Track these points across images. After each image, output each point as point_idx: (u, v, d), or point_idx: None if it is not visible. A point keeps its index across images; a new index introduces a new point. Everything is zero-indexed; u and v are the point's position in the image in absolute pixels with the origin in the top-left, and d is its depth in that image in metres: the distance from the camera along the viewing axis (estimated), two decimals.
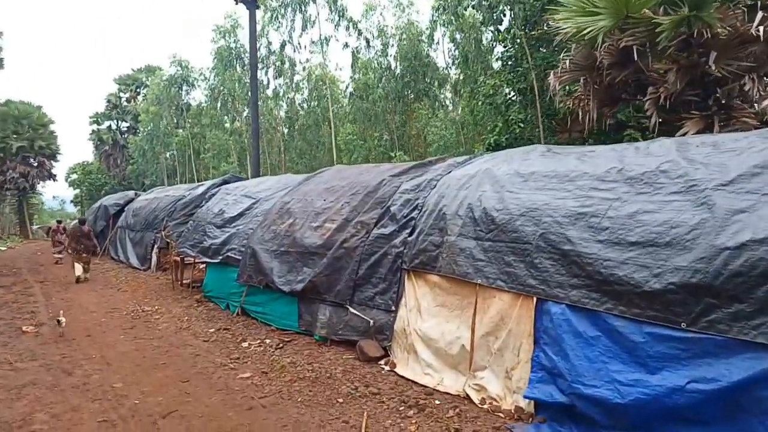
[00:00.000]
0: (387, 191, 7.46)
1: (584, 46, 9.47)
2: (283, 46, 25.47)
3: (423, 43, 23.32)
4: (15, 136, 42.47)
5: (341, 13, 23.30)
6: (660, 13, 8.17)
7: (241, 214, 10.53)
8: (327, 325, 7.25)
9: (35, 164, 43.97)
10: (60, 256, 20.53)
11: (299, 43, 25.28)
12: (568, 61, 9.42)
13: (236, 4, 25.59)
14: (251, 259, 8.84)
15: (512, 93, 17.47)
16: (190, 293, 11.88)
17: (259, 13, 24.91)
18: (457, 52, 23.22)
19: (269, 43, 31.57)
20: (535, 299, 4.71)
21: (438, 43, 22.19)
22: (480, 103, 17.92)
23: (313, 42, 24.73)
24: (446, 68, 24.03)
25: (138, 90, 55.02)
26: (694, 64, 7.95)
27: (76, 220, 25.31)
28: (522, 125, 16.50)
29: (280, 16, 24.39)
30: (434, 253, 5.97)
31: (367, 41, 23.25)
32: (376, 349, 6.42)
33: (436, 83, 22.60)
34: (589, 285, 4.33)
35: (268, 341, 7.67)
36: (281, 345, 7.42)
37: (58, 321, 8.88)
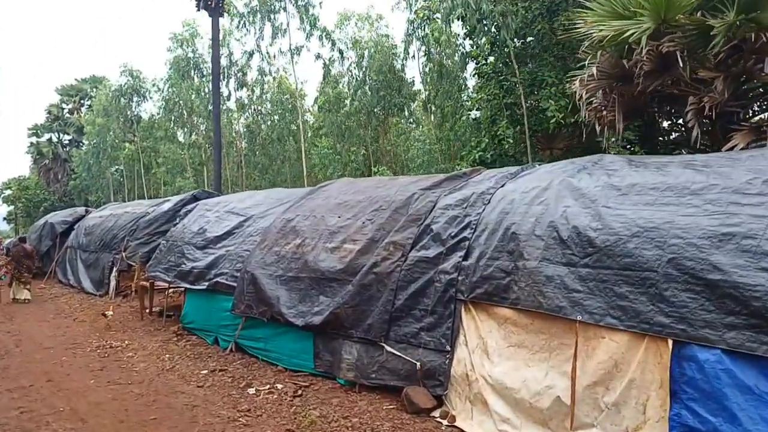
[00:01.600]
0: (421, 207, 6.41)
1: (611, 54, 8.82)
2: (251, 54, 24.12)
3: (396, 57, 22.57)
4: None
5: (313, 23, 22.26)
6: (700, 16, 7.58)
7: (229, 233, 9.21)
8: (355, 366, 6.08)
9: None
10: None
11: (268, 53, 23.98)
12: (594, 69, 8.70)
13: (198, 10, 24.17)
14: (250, 286, 7.55)
15: (497, 108, 16.85)
16: (163, 324, 10.37)
17: (221, 22, 23.59)
18: (428, 69, 22.62)
19: (230, 53, 30.21)
20: (670, 342, 3.74)
21: (414, 57, 21.52)
22: (463, 118, 17.25)
23: (281, 52, 23.59)
24: (413, 83, 23.33)
25: (82, 101, 52.05)
26: (746, 71, 7.36)
27: (16, 239, 22.98)
28: (510, 141, 15.86)
29: (248, 23, 23.11)
30: (504, 282, 4.95)
31: (341, 52, 22.29)
32: (428, 399, 5.31)
33: (422, 97, 21.81)
34: (757, 325, 3.41)
35: (279, 386, 6.39)
36: (299, 392, 6.16)
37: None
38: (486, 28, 15.76)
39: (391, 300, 5.90)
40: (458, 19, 16.97)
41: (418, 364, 5.43)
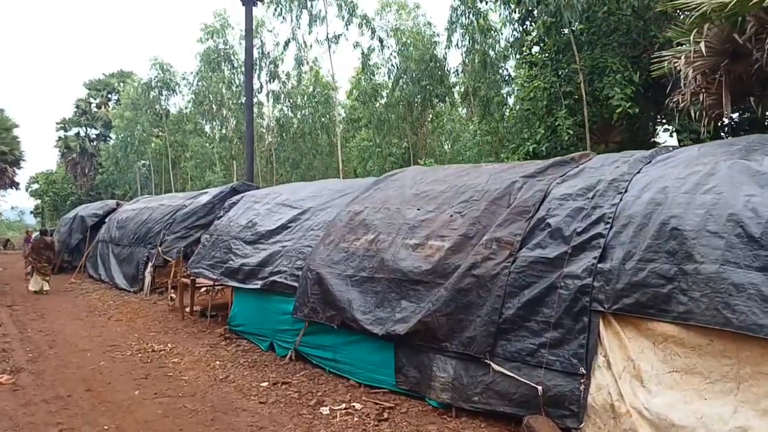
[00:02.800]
0: (529, 197, 5.39)
1: (722, 27, 7.71)
2: (287, 44, 23.23)
3: (437, 45, 21.51)
4: None
5: (352, 10, 21.31)
6: None
7: (283, 227, 8.30)
8: (451, 386, 5.09)
9: None
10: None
11: (305, 42, 23.05)
12: (702, 45, 7.58)
13: None
14: (315, 286, 6.62)
15: (553, 97, 15.74)
16: (207, 325, 9.52)
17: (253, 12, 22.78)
18: (468, 59, 21.53)
19: (262, 44, 29.46)
20: None
21: (457, 46, 20.43)
22: (517, 107, 16.18)
23: (318, 41, 22.62)
24: (457, 73, 22.20)
25: (109, 96, 51.96)
26: None
27: (38, 232, 22.57)
28: (570, 132, 14.74)
29: (284, 11, 22.23)
30: (663, 290, 3.92)
31: (381, 41, 21.28)
32: None
33: (457, 89, 20.72)
34: None
35: (358, 406, 5.44)
36: (383, 414, 5.20)
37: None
38: (547, 9, 14.61)
39: (498, 309, 4.90)
40: (514, 2, 15.88)
41: (540, 388, 4.43)
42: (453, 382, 5.09)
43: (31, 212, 71.69)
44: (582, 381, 4.27)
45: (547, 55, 16.32)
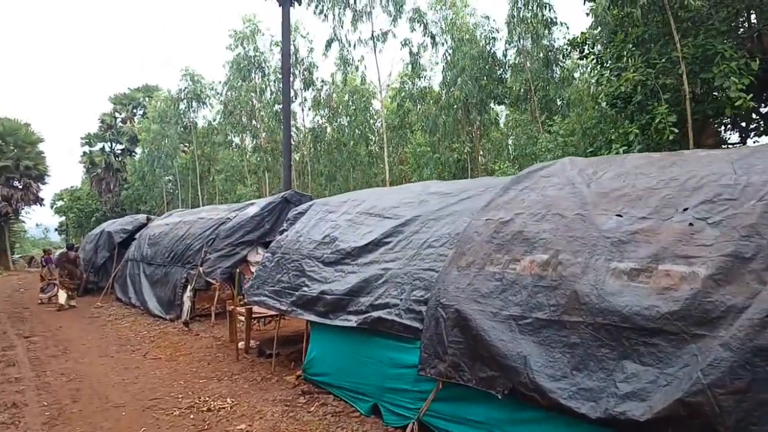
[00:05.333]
0: None
1: None
2: (329, 44, 21.33)
3: (496, 41, 19.51)
4: None
5: (399, 6, 19.43)
6: None
7: (378, 243, 6.22)
8: None
9: (20, 186, 39.20)
10: (46, 295, 16.03)
11: (348, 41, 21.16)
12: None
13: (265, 0, 21.92)
14: (456, 330, 4.50)
15: (649, 92, 13.58)
16: (271, 368, 7.45)
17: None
18: (526, 56, 19.50)
19: (296, 49, 27.78)
20: None
21: (519, 40, 18.39)
22: (604, 104, 14.10)
23: (361, 41, 20.73)
24: (521, 70, 20.15)
25: (134, 110, 51.01)
26: None
27: (62, 249, 21.05)
28: (675, 130, 12.56)
29: (325, 8, 20.42)
30: None
31: (433, 37, 19.30)
32: None
33: (517, 88, 18.67)
34: None
35: None
36: None
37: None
38: None
39: None
40: None
41: None
42: None
43: (56, 229, 71.05)
44: None
45: (631, 46, 14.20)
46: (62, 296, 14.78)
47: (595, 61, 15.65)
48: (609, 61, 14.63)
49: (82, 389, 7.07)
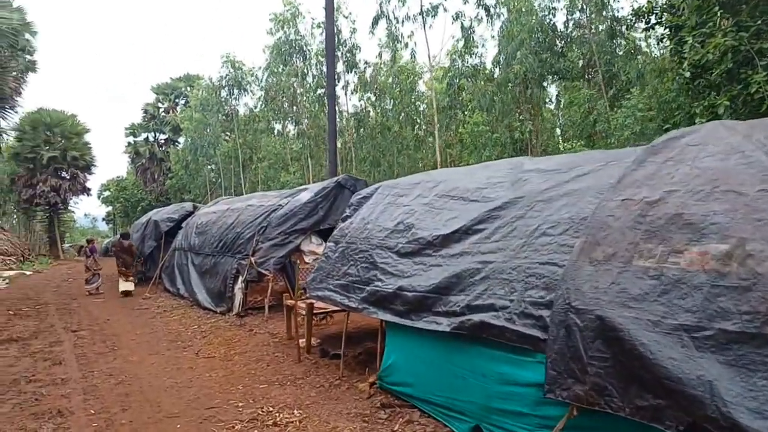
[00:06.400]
0: None
1: None
2: (375, 21, 20.30)
3: (556, 12, 18.10)
4: (46, 146, 38.26)
5: None
6: None
7: (467, 232, 5.23)
8: None
9: (67, 177, 39.68)
10: (92, 286, 15.65)
11: (396, 17, 20.04)
12: None
13: None
14: (599, 343, 3.49)
15: (740, 59, 12.09)
16: (338, 372, 6.59)
17: None
18: (590, 27, 18.01)
19: (338, 31, 26.81)
20: None
21: (583, 10, 16.97)
22: (687, 74, 12.72)
23: (408, 17, 19.59)
24: (585, 43, 18.69)
25: (177, 100, 51.08)
26: None
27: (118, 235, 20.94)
28: None
29: None
30: None
31: (487, 9, 18.03)
32: None
33: (581, 62, 17.28)
34: None
35: None
36: None
37: None
38: None
39: None
40: None
41: None
42: None
43: (103, 219, 72.70)
44: None
45: (717, 8, 12.67)
46: (122, 284, 14.86)
47: (669, 30, 14.15)
48: (691, 28, 13.14)
49: (131, 394, 6.38)
